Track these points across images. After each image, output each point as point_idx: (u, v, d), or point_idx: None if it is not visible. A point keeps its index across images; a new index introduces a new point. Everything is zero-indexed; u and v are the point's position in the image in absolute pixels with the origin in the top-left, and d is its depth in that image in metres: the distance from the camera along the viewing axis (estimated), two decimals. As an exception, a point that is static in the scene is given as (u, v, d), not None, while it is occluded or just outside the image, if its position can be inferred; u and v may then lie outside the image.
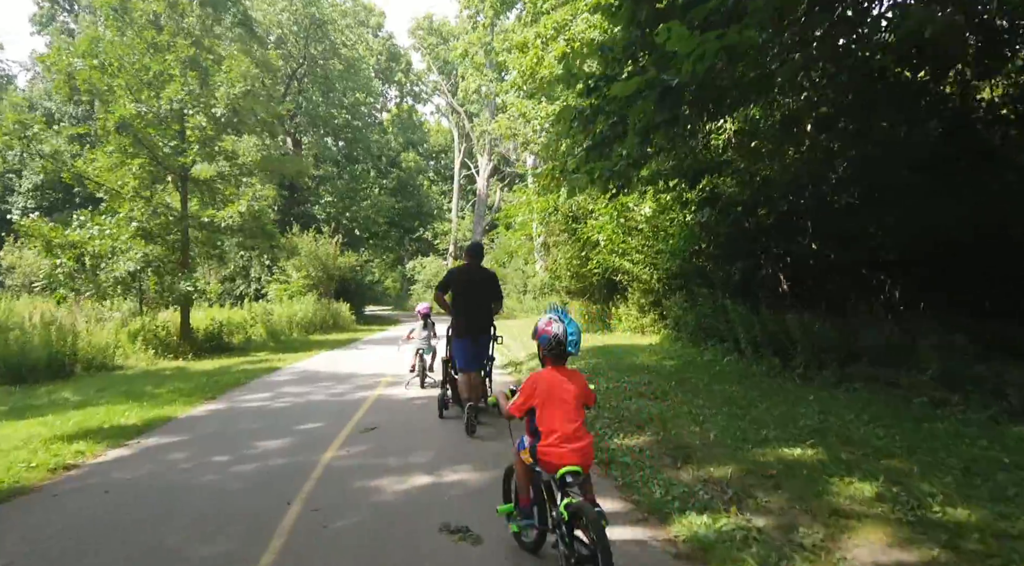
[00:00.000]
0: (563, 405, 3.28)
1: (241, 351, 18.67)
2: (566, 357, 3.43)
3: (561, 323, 3.39)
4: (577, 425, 3.26)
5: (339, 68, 34.00)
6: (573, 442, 3.19)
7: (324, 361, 15.09)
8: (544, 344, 3.42)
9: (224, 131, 18.27)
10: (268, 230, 18.78)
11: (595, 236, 15.00)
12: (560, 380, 3.34)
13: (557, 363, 3.42)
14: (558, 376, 3.36)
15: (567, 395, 3.30)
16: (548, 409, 3.28)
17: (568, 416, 3.25)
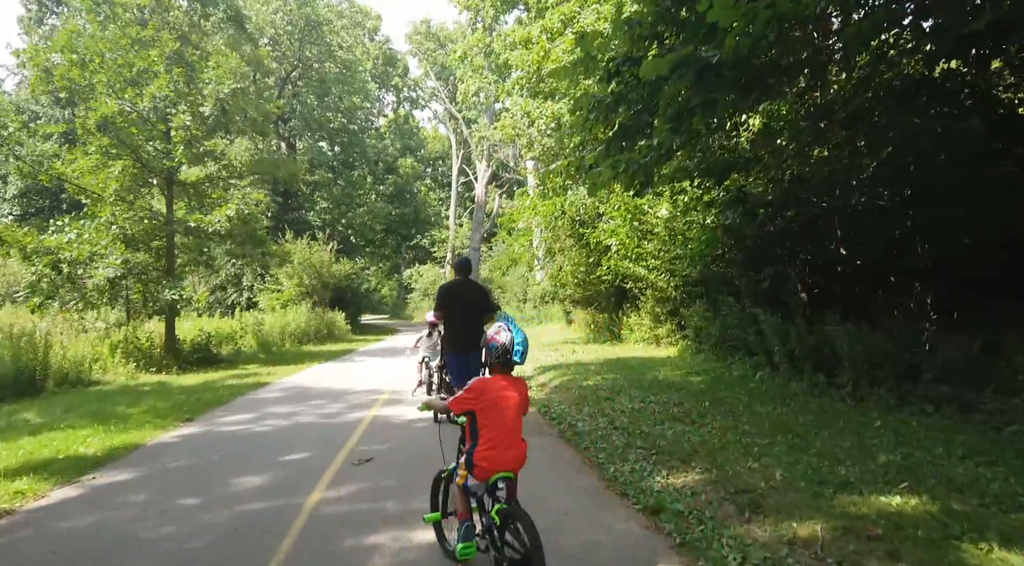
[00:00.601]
0: (505, 413, 3.33)
1: (229, 364, 17.65)
2: (512, 366, 3.45)
3: (509, 333, 3.45)
4: (517, 431, 3.36)
5: (334, 71, 33.10)
6: (511, 449, 3.30)
7: (316, 375, 14.08)
8: (492, 352, 3.43)
9: (212, 132, 17.32)
10: (258, 236, 17.79)
11: (607, 240, 14.02)
12: (505, 388, 3.37)
13: (503, 371, 3.45)
14: (503, 384, 3.39)
15: (510, 403, 3.35)
16: (491, 416, 3.32)
17: (508, 423, 3.32)
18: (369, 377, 13.25)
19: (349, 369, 15.22)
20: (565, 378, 10.62)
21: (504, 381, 3.40)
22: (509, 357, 3.39)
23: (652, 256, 13.04)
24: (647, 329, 14.75)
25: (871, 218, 10.13)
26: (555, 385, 10.21)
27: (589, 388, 9.39)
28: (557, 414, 7.95)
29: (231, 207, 15.81)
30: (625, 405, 7.96)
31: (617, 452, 5.91)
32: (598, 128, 8.76)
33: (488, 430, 3.31)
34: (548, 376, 11.24)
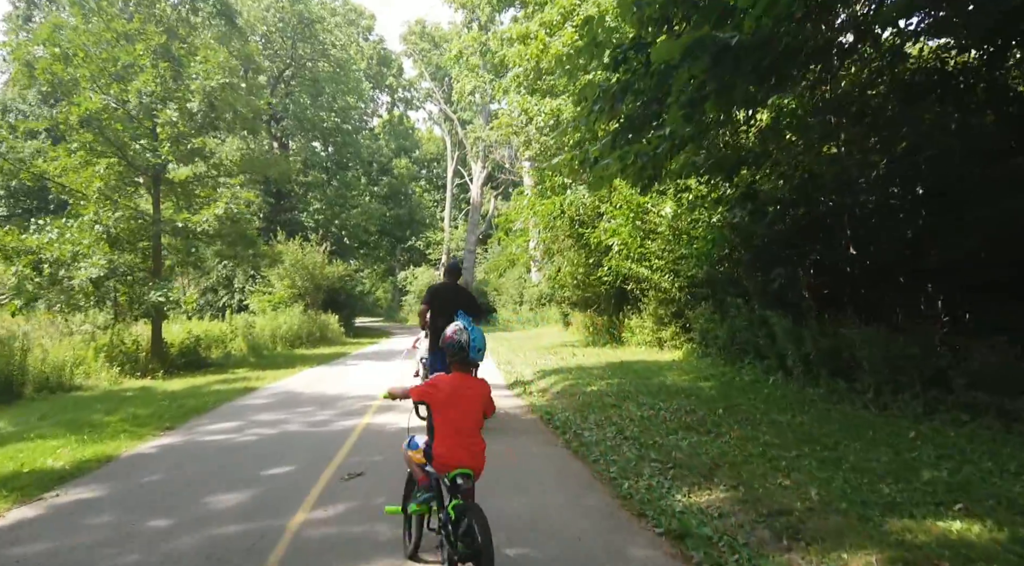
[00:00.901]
0: (463, 409, 3.35)
1: (218, 368, 17.12)
2: (470, 364, 3.48)
3: (466, 332, 3.45)
4: (474, 429, 3.39)
5: (328, 70, 32.59)
6: (468, 446, 3.31)
7: (308, 379, 13.58)
8: (449, 350, 3.47)
9: (201, 129, 16.82)
10: (249, 237, 17.27)
11: (608, 240, 13.54)
12: (463, 385, 3.41)
13: (463, 369, 3.48)
14: (463, 381, 3.43)
15: (468, 400, 3.38)
16: (449, 411, 3.35)
17: (466, 420, 3.35)
18: (362, 382, 12.75)
19: (342, 373, 14.72)
20: (567, 383, 10.15)
21: (464, 380, 3.43)
22: (466, 355, 3.41)
23: (656, 256, 12.58)
24: (649, 332, 14.29)
25: (882, 217, 9.74)
26: (557, 390, 9.73)
27: (594, 394, 8.92)
28: (561, 422, 7.47)
29: (219, 206, 15.29)
30: (634, 412, 7.49)
31: (630, 465, 5.44)
32: (602, 121, 8.31)
33: (445, 426, 3.34)
34: (549, 381, 10.76)
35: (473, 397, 3.40)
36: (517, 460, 5.98)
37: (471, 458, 3.30)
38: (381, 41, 45.22)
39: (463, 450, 3.29)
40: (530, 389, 10.42)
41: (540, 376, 11.66)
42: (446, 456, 3.29)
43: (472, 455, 3.31)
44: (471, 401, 3.38)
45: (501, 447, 6.43)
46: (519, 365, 14.02)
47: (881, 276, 9.98)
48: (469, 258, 44.58)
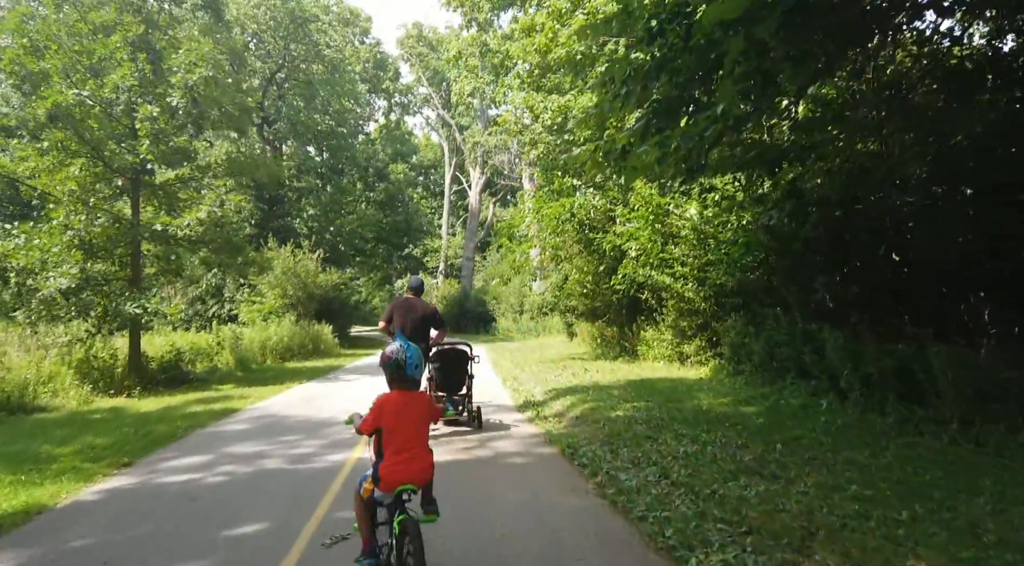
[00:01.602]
0: (408, 426, 3.46)
1: (201, 383, 15.91)
2: (409, 380, 3.57)
3: (403, 351, 3.55)
4: (421, 444, 3.50)
5: (322, 72, 31.50)
6: (415, 461, 3.42)
7: (296, 398, 12.39)
8: (388, 369, 3.61)
9: (183, 127, 15.69)
10: (235, 243, 16.10)
11: (626, 245, 12.38)
12: (405, 402, 3.51)
13: (403, 386, 3.58)
14: (403, 398, 3.53)
15: (412, 416, 3.49)
16: (396, 430, 3.44)
17: (412, 436, 3.47)
18: (355, 401, 11.56)
19: (334, 391, 13.52)
20: (587, 406, 8.97)
21: (406, 397, 3.54)
22: (404, 372, 3.53)
23: (679, 262, 11.44)
24: (668, 345, 13.14)
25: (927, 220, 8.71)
26: (576, 415, 8.55)
27: (621, 421, 7.75)
28: (589, 459, 6.29)
29: (203, 209, 14.12)
30: (673, 447, 6.33)
31: (689, 527, 4.26)
32: (629, 107, 7.19)
33: (392, 444, 3.43)
34: (565, 402, 9.58)
35: (417, 412, 3.53)
36: (537, 516, 4.81)
37: (419, 473, 3.42)
38: (378, 44, 44.20)
39: (412, 465, 3.40)
40: (543, 412, 9.24)
41: (553, 396, 10.49)
42: (397, 474, 3.37)
43: (421, 469, 3.44)
44: (416, 417, 3.51)
45: (518, 494, 5.27)
46: (527, 381, 12.85)
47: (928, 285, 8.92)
48: (467, 266, 43.48)
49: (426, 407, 3.62)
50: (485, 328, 38.00)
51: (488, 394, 11.70)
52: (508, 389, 12.39)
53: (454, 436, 8.07)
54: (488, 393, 11.81)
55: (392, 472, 3.37)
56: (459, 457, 6.81)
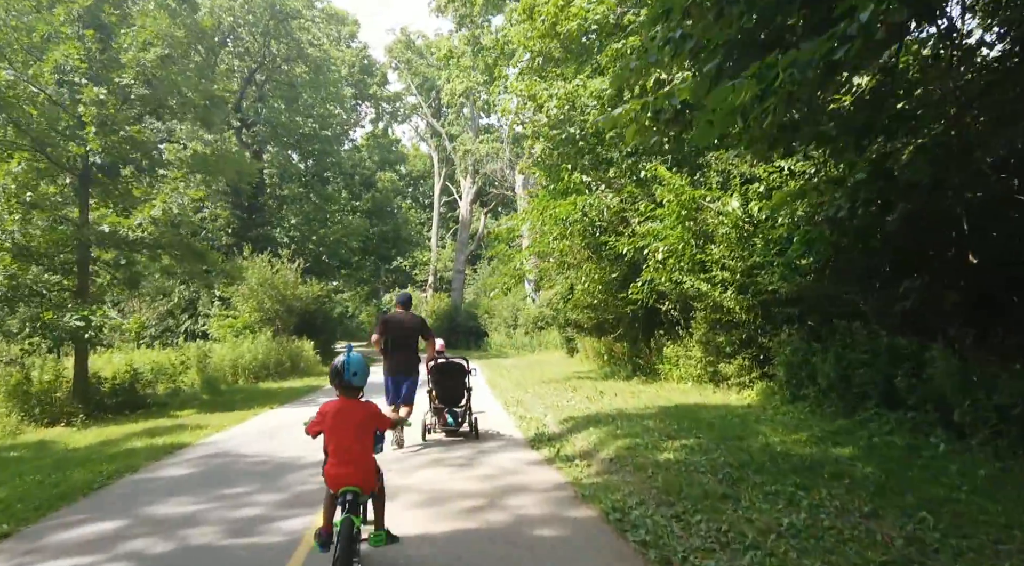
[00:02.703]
0: (346, 431, 3.69)
1: (160, 408, 13.97)
2: (346, 386, 3.81)
3: (342, 356, 3.84)
4: (359, 449, 3.70)
5: (304, 71, 29.66)
6: (351, 465, 3.63)
7: (261, 428, 10.45)
8: (330, 377, 3.91)
9: (140, 116, 13.84)
10: (197, 248, 14.16)
11: (651, 247, 10.51)
12: (346, 409, 3.76)
13: (347, 394, 3.84)
14: (345, 405, 3.79)
15: (350, 422, 3.71)
16: (334, 434, 3.70)
17: (351, 441, 3.68)
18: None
19: (306, 418, 11.56)
20: (620, 443, 7.10)
21: (346, 404, 3.81)
22: (342, 378, 3.79)
23: (717, 265, 9.63)
24: (697, 364, 11.30)
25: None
26: (609, 456, 6.67)
27: (674, 467, 5.88)
28: (649, 531, 4.40)
29: (156, 206, 12.18)
30: (767, 512, 4.48)
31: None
32: (681, 57, 5.43)
33: (331, 447, 3.72)
34: (590, 437, 7.70)
35: (355, 419, 3.74)
36: None
37: (357, 476, 3.61)
38: (365, 48, 42.52)
39: (349, 467, 3.62)
40: (564, 450, 7.36)
41: (571, 427, 8.62)
42: (335, 475, 3.63)
43: (357, 472, 3.63)
44: (353, 423, 3.72)
45: None
46: (534, 406, 10.97)
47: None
48: (458, 279, 41.59)
49: (367, 415, 3.80)
50: (477, 343, 35.99)
51: (489, 421, 9.82)
52: (512, 416, 10.51)
53: (451, 480, 6.22)
54: (489, 420, 9.93)
55: (332, 474, 3.63)
56: (464, 525, 4.93)
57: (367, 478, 3.67)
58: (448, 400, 8.67)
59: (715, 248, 9.49)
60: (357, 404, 3.82)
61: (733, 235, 9.27)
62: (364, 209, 38.73)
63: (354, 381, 3.79)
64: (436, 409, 8.70)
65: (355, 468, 3.62)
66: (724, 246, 9.39)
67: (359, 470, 3.64)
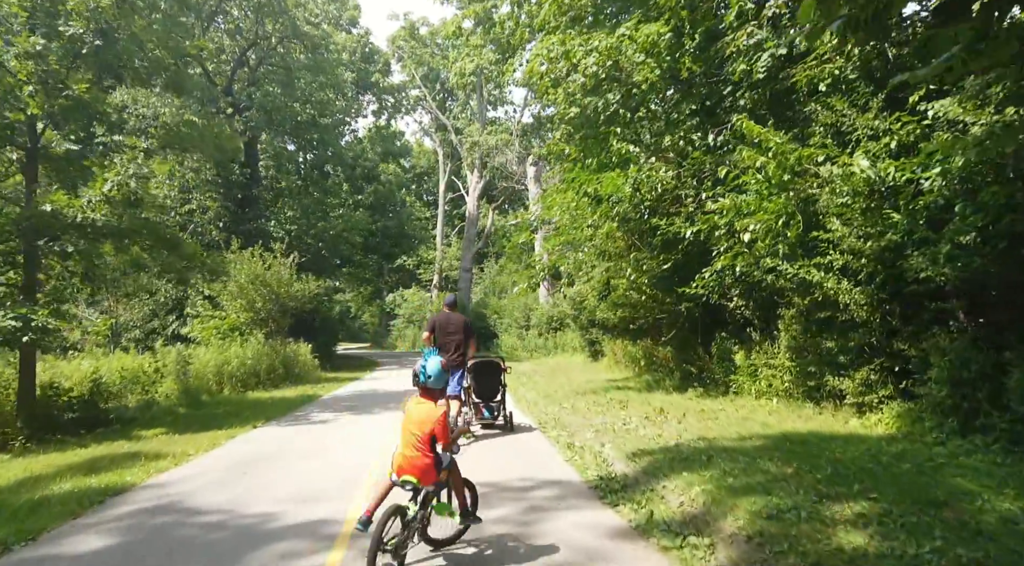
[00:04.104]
0: (407, 426, 4.04)
1: (123, 427, 11.73)
2: (426, 388, 4.14)
3: (420, 362, 4.17)
4: (414, 444, 3.97)
5: (302, 54, 27.31)
6: (411, 458, 3.95)
7: (235, 458, 8.14)
8: (412, 378, 4.19)
9: (98, 79, 11.54)
10: (167, 235, 11.82)
11: (740, 223, 8.00)
12: (415, 407, 4.11)
13: (426, 394, 4.15)
14: (416, 404, 4.13)
15: (414, 419, 4.02)
16: (403, 428, 4.07)
17: (408, 435, 4.02)
18: (326, 467, 7.35)
19: (294, 444, 9.23)
20: (749, 504, 4.72)
21: (418, 403, 4.14)
22: (418, 380, 4.13)
23: (837, 247, 7.23)
24: (786, 375, 8.93)
25: None
26: (744, 533, 4.29)
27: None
28: None
29: (109, 179, 9.82)
30: None
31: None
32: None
33: (401, 439, 4.07)
34: (691, 490, 5.31)
35: (418, 417, 4.01)
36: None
37: (412, 469, 3.92)
38: (367, 34, 40.20)
39: (407, 461, 3.95)
40: (655, 509, 5.02)
41: (647, 464, 6.28)
42: (397, 464, 4.00)
43: (413, 467, 3.92)
44: (417, 421, 4.00)
45: None
46: (579, 428, 8.65)
47: None
48: (465, 277, 39.21)
49: (428, 418, 4.00)
50: (486, 346, 33.58)
51: (527, 450, 7.55)
52: (555, 443, 8.18)
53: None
54: (527, 448, 7.66)
55: (396, 463, 4.02)
56: None
57: (424, 472, 3.89)
58: (485, 395, 9.42)
59: (836, 222, 7.10)
60: (428, 405, 4.08)
61: (858, 205, 6.91)
62: (366, 203, 36.36)
63: (429, 384, 4.10)
64: (474, 404, 9.39)
65: (414, 463, 3.90)
66: (855, 219, 6.96)
67: (414, 463, 3.89)
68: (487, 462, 7.12)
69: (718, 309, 11.24)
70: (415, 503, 3.91)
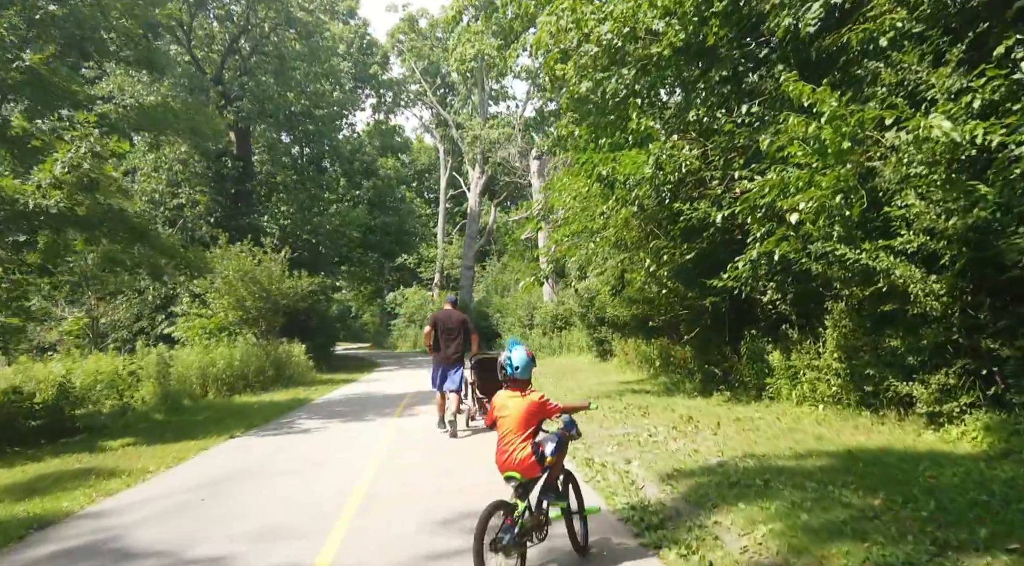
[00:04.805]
0: (506, 421, 3.89)
1: (91, 436, 10.68)
2: (515, 379, 3.95)
3: (507, 351, 4.00)
4: (515, 437, 3.81)
5: (294, 39, 26.15)
6: (510, 452, 3.79)
7: (201, 476, 6.99)
8: (500, 373, 4.02)
9: (62, 53, 10.40)
10: (135, 224, 10.66)
11: (785, 203, 6.76)
12: (509, 400, 3.94)
13: (511, 385, 3.98)
14: (508, 396, 3.96)
15: (511, 412, 3.88)
16: (500, 424, 3.93)
17: (508, 430, 3.85)
18: (306, 485, 6.22)
19: (278, 455, 8.09)
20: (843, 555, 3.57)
21: (509, 396, 3.96)
22: (506, 373, 3.95)
23: (910, 227, 6.04)
24: (833, 378, 7.77)
25: None
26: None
27: None
28: None
29: (59, 159, 8.67)
30: None
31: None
32: None
33: (499, 436, 3.92)
34: (754, 529, 4.12)
35: (515, 410, 3.87)
36: None
37: (514, 463, 3.76)
38: (365, 25, 39.05)
39: (507, 456, 3.79)
40: (700, 548, 3.89)
41: (688, 490, 5.13)
42: (500, 462, 3.85)
43: (514, 461, 3.76)
44: (514, 414, 3.86)
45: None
46: (599, 441, 7.50)
47: None
48: (466, 275, 38.06)
49: (528, 408, 3.85)
50: (489, 345, 32.42)
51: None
52: (572, 460, 7.00)
53: None
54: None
55: (498, 459, 3.86)
56: None
57: (527, 466, 3.74)
58: (489, 391, 9.13)
59: (912, 195, 5.90)
60: (521, 397, 3.91)
61: (937, 176, 5.74)
62: (365, 198, 35.16)
63: (517, 375, 3.93)
64: (478, 399, 9.45)
65: (515, 457, 3.75)
66: (938, 192, 5.76)
67: (519, 459, 3.74)
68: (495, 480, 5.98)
69: (747, 304, 10.08)
70: (521, 500, 3.71)
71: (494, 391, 9.44)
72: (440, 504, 5.40)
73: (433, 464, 7.14)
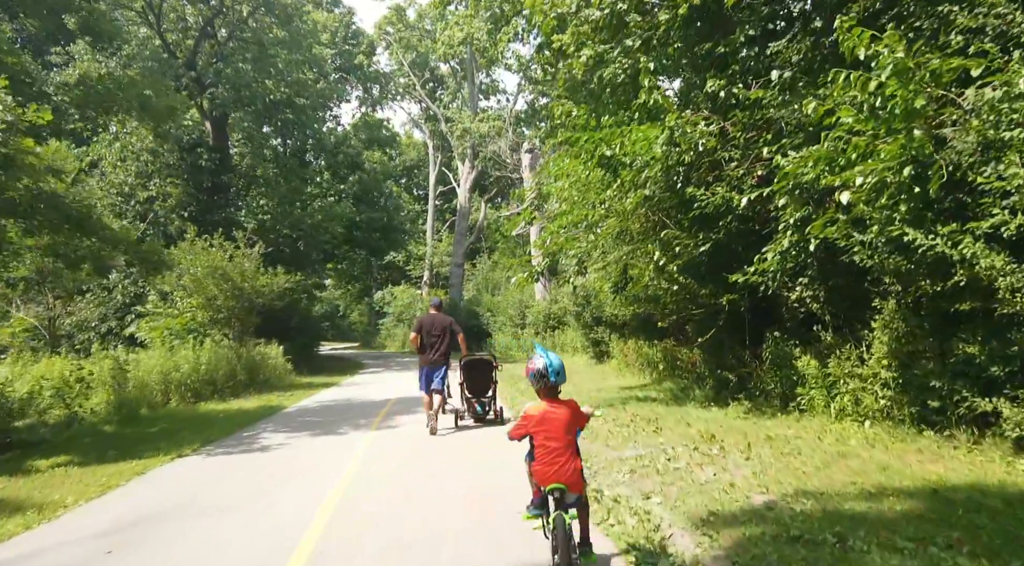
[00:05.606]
0: (551, 432, 3.66)
1: (23, 453, 9.40)
2: (554, 388, 3.75)
3: (543, 358, 3.74)
4: (561, 449, 3.65)
5: (273, 22, 24.77)
6: (556, 464, 3.62)
7: (116, 521, 5.65)
8: (532, 380, 3.78)
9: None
10: (71, 211, 9.31)
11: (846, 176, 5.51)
12: (550, 411, 3.70)
13: (549, 395, 3.76)
14: (548, 407, 3.72)
15: (556, 424, 3.67)
16: (540, 435, 3.68)
17: (555, 442, 3.64)
18: (250, 523, 4.96)
19: (227, 480, 6.80)
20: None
21: (550, 404, 3.74)
22: (547, 381, 3.71)
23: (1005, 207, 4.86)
24: (880, 389, 6.58)
25: None
26: None
27: None
28: None
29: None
30: None
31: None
32: None
33: (539, 448, 3.70)
34: None
35: (559, 420, 3.68)
36: None
37: (563, 475, 3.60)
38: (351, 14, 37.64)
39: (555, 467, 3.61)
40: None
41: (734, 545, 3.90)
42: (541, 474, 3.67)
43: (563, 472, 3.61)
44: (558, 424, 3.67)
45: None
46: (603, 466, 6.27)
47: None
48: (456, 273, 36.75)
49: (570, 414, 3.72)
50: (479, 345, 31.10)
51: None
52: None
53: None
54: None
55: (540, 472, 3.67)
56: None
57: (573, 477, 3.63)
58: (477, 391, 9.62)
59: (1016, 160, 4.67)
60: (560, 404, 3.75)
61: (1038, 140, 4.55)
62: (350, 193, 33.76)
63: (557, 381, 3.74)
64: (467, 399, 9.64)
65: (564, 468, 3.61)
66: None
67: (565, 468, 3.61)
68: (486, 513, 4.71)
69: (768, 302, 8.88)
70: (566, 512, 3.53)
71: (482, 392, 9.68)
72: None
73: (406, 502, 5.83)
